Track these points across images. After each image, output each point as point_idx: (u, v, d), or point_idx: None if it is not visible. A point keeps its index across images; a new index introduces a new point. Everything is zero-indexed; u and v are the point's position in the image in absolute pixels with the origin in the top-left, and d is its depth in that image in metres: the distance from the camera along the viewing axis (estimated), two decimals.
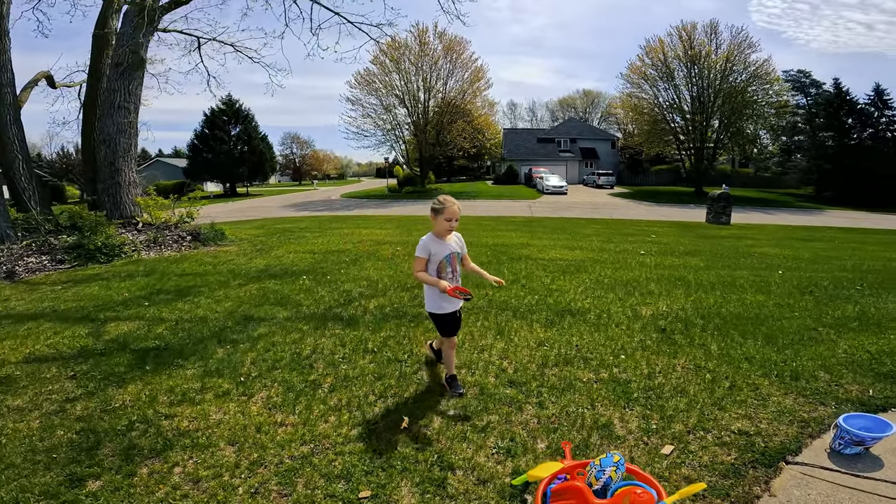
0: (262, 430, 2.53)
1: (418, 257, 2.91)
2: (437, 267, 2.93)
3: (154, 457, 2.34)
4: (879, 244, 10.87)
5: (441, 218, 2.88)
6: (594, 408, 2.79)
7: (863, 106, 34.75)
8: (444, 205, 2.88)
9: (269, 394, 2.96)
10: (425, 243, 2.92)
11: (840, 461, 2.24)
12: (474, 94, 35.88)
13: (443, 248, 2.94)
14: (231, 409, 2.77)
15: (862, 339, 3.81)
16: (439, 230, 2.94)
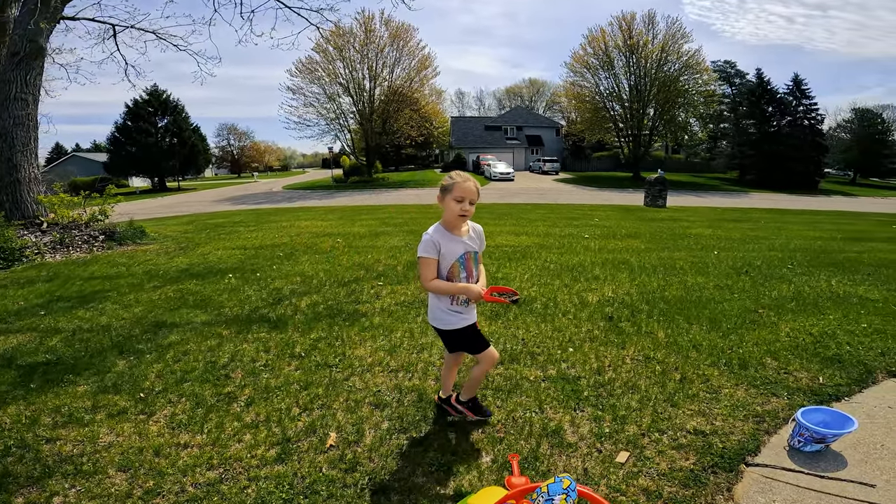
0: (161, 454, 2.19)
1: (426, 259, 2.13)
2: (448, 272, 2.18)
3: (30, 485, 2.03)
4: (800, 224, 11.63)
5: (450, 198, 2.12)
6: (543, 411, 2.56)
7: (782, 95, 37.54)
8: (454, 181, 2.14)
9: (173, 411, 2.58)
10: (432, 239, 2.14)
11: (801, 460, 2.12)
12: (421, 83, 35.35)
13: (455, 244, 2.18)
14: (126, 429, 2.40)
15: (802, 321, 3.83)
16: (449, 218, 2.18)
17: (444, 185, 2.18)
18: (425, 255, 2.14)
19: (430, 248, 2.14)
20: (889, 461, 2.09)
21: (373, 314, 4.13)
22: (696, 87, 36.90)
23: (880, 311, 4.11)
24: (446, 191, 2.15)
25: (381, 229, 9.37)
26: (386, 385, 2.84)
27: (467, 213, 2.14)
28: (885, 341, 3.39)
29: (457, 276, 2.21)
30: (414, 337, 3.59)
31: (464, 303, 2.27)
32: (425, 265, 2.15)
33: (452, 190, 2.12)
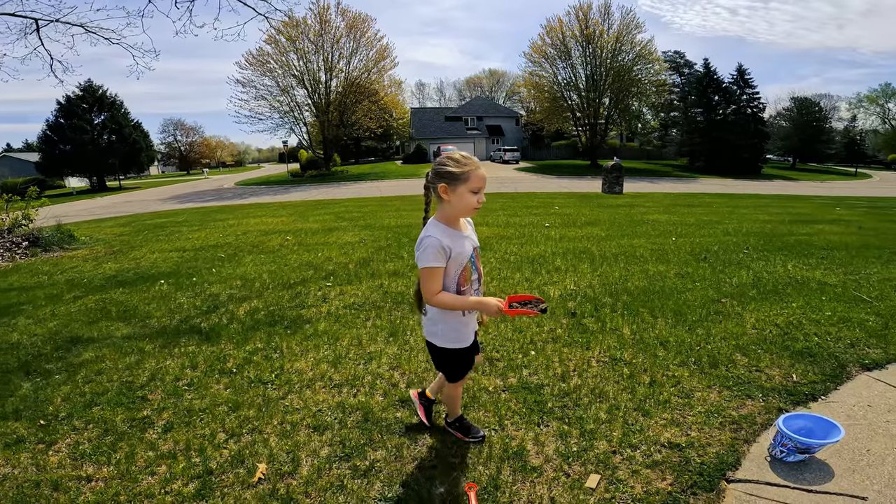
0: (60, 488, 1.93)
1: (433, 268, 1.71)
2: (459, 275, 1.81)
3: None
4: (749, 207, 11.96)
5: (463, 189, 1.71)
6: (503, 428, 2.28)
7: (727, 85, 39.04)
8: (467, 166, 1.71)
9: (78, 439, 2.27)
10: (441, 244, 1.71)
11: (785, 472, 1.93)
12: (380, 74, 34.50)
13: (463, 242, 1.81)
14: (22, 461, 2.12)
15: (766, 310, 3.71)
16: (457, 212, 1.78)
17: (451, 171, 1.70)
18: (434, 265, 1.70)
19: (440, 255, 1.71)
20: (878, 468, 1.93)
21: (318, 320, 3.76)
22: (649, 76, 37.93)
23: (841, 296, 4.06)
24: (457, 180, 1.70)
25: (336, 224, 8.89)
26: (328, 403, 2.51)
27: (481, 204, 1.76)
28: (853, 331, 3.29)
29: (469, 278, 1.85)
30: (362, 345, 3.25)
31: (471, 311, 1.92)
32: (431, 276, 1.72)
33: (469, 179, 1.70)
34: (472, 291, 1.88)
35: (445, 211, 1.78)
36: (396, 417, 2.36)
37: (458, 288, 1.82)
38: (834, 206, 12.81)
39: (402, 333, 3.40)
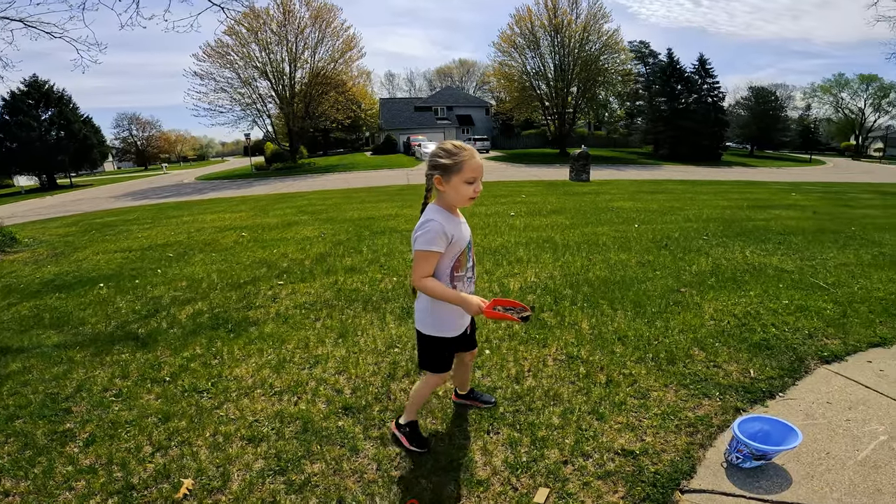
0: None
1: (431, 253, 1.69)
2: (455, 262, 1.79)
3: None
4: (709, 193, 12.18)
5: (458, 180, 1.68)
6: (450, 436, 2.14)
7: (689, 74, 39.94)
8: (461, 156, 1.67)
9: None
10: (443, 228, 1.68)
11: (741, 479, 1.83)
12: (346, 64, 33.70)
13: (462, 228, 1.81)
14: None
15: (724, 299, 3.67)
16: (454, 202, 1.75)
17: (444, 163, 1.68)
18: (433, 249, 1.68)
19: (440, 240, 1.69)
20: (837, 473, 1.84)
21: (265, 321, 3.54)
22: (615, 66, 38.37)
23: (798, 283, 4.07)
24: (450, 170, 1.68)
25: (296, 219, 8.54)
26: (266, 413, 2.33)
27: (478, 193, 1.74)
28: (810, 320, 3.26)
29: (465, 265, 1.85)
30: (309, 348, 3.05)
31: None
32: (426, 260, 1.70)
33: (463, 169, 1.67)
34: (465, 279, 1.86)
35: (443, 199, 1.77)
36: (339, 426, 2.20)
37: (453, 273, 1.79)
38: (790, 191, 13.22)
39: (353, 334, 3.21)
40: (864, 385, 2.49)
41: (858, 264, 4.69)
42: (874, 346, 2.90)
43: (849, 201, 10.59)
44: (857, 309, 3.43)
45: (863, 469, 1.87)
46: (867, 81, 58.19)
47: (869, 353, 2.83)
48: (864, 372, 2.62)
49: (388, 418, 2.25)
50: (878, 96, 58.08)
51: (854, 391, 2.44)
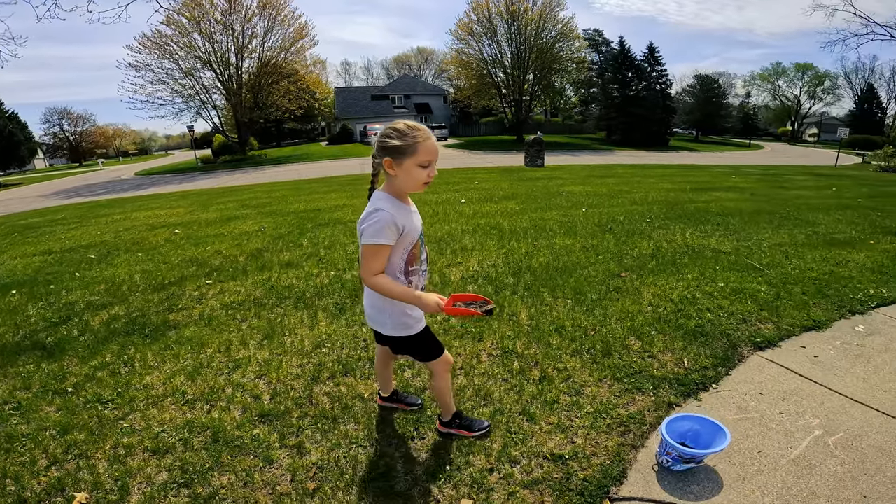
0: None
1: (380, 246, 1.52)
2: (409, 255, 1.64)
3: None
4: (656, 177, 12.53)
5: (411, 163, 1.52)
6: (373, 444, 1.98)
7: (639, 62, 41.10)
8: (415, 136, 1.50)
9: None
10: (393, 219, 1.52)
11: (672, 484, 1.74)
12: (298, 53, 32.54)
13: (413, 217, 1.65)
14: None
15: (663, 283, 3.65)
16: (405, 187, 1.59)
17: (395, 144, 1.50)
18: (382, 242, 1.51)
19: (390, 232, 1.52)
20: (769, 475, 1.77)
21: (186, 324, 3.26)
22: (570, 54, 39.10)
23: (734, 265, 4.12)
24: (403, 153, 1.51)
25: (237, 213, 8.07)
26: (174, 422, 2.15)
27: (432, 178, 1.58)
28: (744, 303, 3.27)
29: (418, 258, 1.69)
30: (230, 351, 2.81)
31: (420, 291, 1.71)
32: (375, 255, 1.52)
33: (417, 151, 1.51)
34: (420, 272, 1.72)
35: (393, 184, 1.59)
36: (253, 436, 2.01)
37: (406, 268, 1.64)
38: (730, 174, 13.79)
39: (280, 335, 2.98)
40: (798, 373, 2.46)
41: (792, 244, 4.85)
42: (808, 330, 2.91)
43: (784, 183, 11.13)
44: (790, 291, 3.48)
45: (796, 469, 1.81)
46: (803, 70, 61.83)
47: (803, 337, 2.84)
48: (798, 359, 2.61)
49: (307, 425, 2.09)
50: (812, 84, 61.85)
51: (787, 380, 2.41)
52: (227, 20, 28.35)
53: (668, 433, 1.81)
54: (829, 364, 2.56)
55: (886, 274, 3.92)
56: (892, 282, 3.73)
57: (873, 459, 1.85)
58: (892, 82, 60.83)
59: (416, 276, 1.70)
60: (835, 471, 1.80)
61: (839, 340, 2.82)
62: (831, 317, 3.09)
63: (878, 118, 54.32)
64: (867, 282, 3.71)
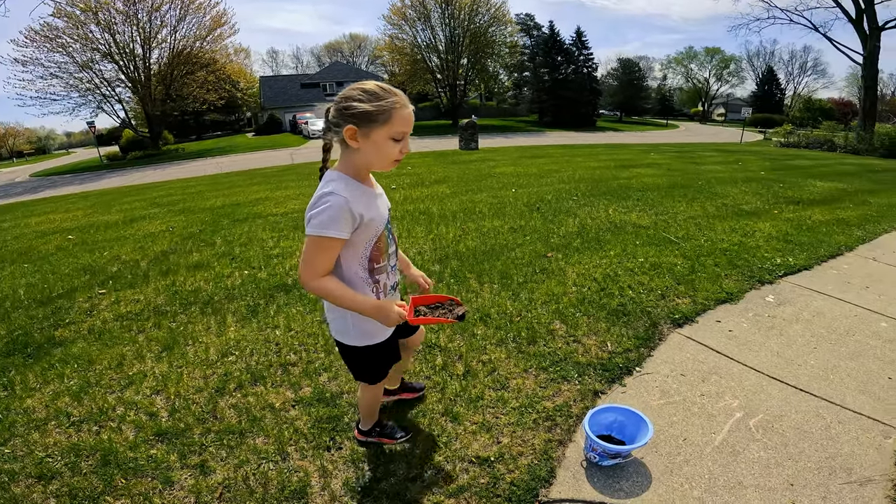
0: None
1: (328, 238, 1.23)
2: (372, 248, 1.36)
3: None
4: (583, 156, 12.91)
5: (381, 135, 1.24)
6: (286, 457, 1.80)
7: (568, 46, 42.43)
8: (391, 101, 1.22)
9: None
10: (344, 203, 1.23)
11: (601, 481, 1.68)
12: (216, 42, 30.52)
13: (377, 203, 1.38)
14: None
15: (587, 262, 3.66)
16: (369, 164, 1.32)
17: (363, 109, 1.20)
18: (332, 234, 1.23)
19: (343, 223, 1.24)
20: (695, 465, 1.74)
21: (74, 340, 2.88)
22: (503, 38, 39.86)
23: (652, 239, 4.23)
24: (373, 120, 1.21)
25: (144, 213, 7.30)
26: (59, 446, 1.93)
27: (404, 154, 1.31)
28: (663, 279, 3.33)
29: (384, 253, 1.41)
30: (123, 367, 2.50)
31: (391, 289, 1.49)
32: (321, 249, 1.25)
33: (391, 119, 1.22)
34: (388, 269, 1.44)
35: (354, 160, 1.30)
36: (150, 456, 1.82)
37: (371, 265, 1.37)
38: (649, 152, 14.55)
39: (182, 345, 2.68)
40: (716, 350, 2.50)
41: (704, 216, 5.11)
42: (721, 303, 3.00)
43: (696, 159, 11.87)
44: (703, 263, 3.62)
45: (721, 456, 1.79)
46: (712, 54, 66.78)
47: (717, 311, 2.92)
48: (715, 334, 2.66)
49: (211, 442, 1.88)
50: (720, 67, 67.00)
51: (706, 358, 2.43)
52: (129, 10, 25.79)
53: (593, 426, 1.77)
54: (744, 338, 2.62)
55: (791, 242, 4.19)
56: (797, 250, 3.98)
57: (795, 443, 1.86)
58: (789, 65, 67.46)
59: (384, 275, 1.43)
60: (759, 457, 1.79)
61: (751, 312, 2.92)
62: (743, 288, 3.22)
63: (777, 99, 59.96)
64: (773, 251, 3.94)
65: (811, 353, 2.50)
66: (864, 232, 4.67)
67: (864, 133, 16.96)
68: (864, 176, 9.07)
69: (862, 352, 2.52)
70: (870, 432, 1.93)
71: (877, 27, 17.72)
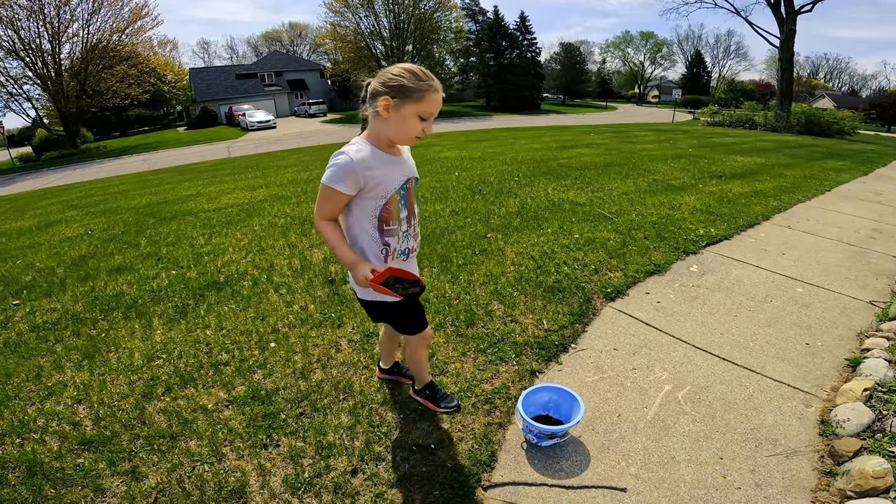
0: None
1: (330, 189, 1.38)
2: (382, 209, 1.46)
3: None
4: (527, 138, 13.13)
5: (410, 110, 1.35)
6: (221, 459, 1.74)
7: (512, 31, 42.84)
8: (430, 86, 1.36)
9: None
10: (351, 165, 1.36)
11: (542, 462, 1.69)
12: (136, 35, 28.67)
13: (392, 169, 1.45)
14: None
15: (525, 240, 3.70)
16: (393, 136, 1.42)
17: (405, 84, 1.33)
18: (333, 186, 1.37)
19: (348, 179, 1.37)
20: (630, 441, 1.77)
21: None
22: (448, 24, 39.70)
23: (588, 215, 4.34)
24: (409, 96, 1.33)
25: (61, 216, 6.69)
26: None
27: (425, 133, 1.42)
28: (596, 253, 3.40)
29: (395, 217, 1.49)
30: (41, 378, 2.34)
31: (401, 254, 1.57)
32: (325, 198, 1.41)
33: (424, 99, 1.35)
34: (400, 234, 1.52)
35: (379, 130, 1.41)
36: (77, 465, 1.74)
37: (381, 225, 1.48)
38: (589, 132, 15.03)
39: (103, 352, 2.49)
40: (645, 322, 2.55)
41: (637, 191, 5.34)
42: (650, 275, 3.10)
43: (632, 139, 12.40)
44: (634, 236, 3.75)
45: (653, 431, 1.81)
46: (646, 38, 69.59)
47: (647, 283, 3.01)
48: (644, 307, 2.72)
49: (140, 448, 1.80)
50: (653, 51, 70.04)
51: (637, 331, 2.47)
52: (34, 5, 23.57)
53: (530, 406, 1.78)
54: (671, 309, 2.69)
55: (713, 213, 4.44)
56: (719, 221, 4.22)
57: (722, 415, 1.89)
58: (715, 48, 71.61)
59: (395, 238, 1.51)
60: (689, 430, 1.81)
61: (678, 283, 3.03)
62: (669, 259, 3.35)
63: (705, 81, 63.58)
64: (697, 222, 4.17)
65: (732, 322, 2.58)
66: (779, 202, 5.05)
67: (782, 112, 18.23)
68: (781, 151, 9.79)
69: (780, 318, 2.62)
70: (791, 401, 1.97)
71: (793, 11, 18.86)
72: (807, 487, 1.58)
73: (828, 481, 1.60)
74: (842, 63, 72.29)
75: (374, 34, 38.10)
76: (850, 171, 7.62)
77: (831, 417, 1.88)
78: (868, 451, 1.67)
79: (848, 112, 18.43)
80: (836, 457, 1.70)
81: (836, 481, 1.60)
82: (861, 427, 1.79)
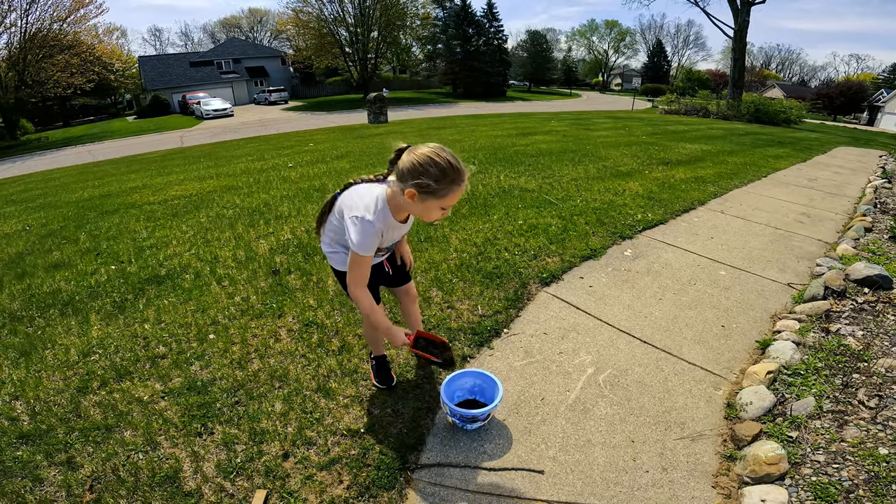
0: None
1: (363, 257, 1.48)
2: None
3: None
4: (488, 125, 13.19)
5: (434, 203, 1.42)
6: (155, 447, 1.78)
7: (479, 18, 42.64)
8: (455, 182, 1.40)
9: None
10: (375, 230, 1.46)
11: (468, 444, 1.75)
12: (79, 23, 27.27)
13: (397, 233, 1.66)
14: None
15: (471, 227, 3.73)
16: (413, 214, 1.57)
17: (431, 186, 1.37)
18: (364, 255, 1.47)
19: (372, 246, 1.49)
20: (551, 424, 1.81)
21: None
22: (415, 10, 39.15)
23: (535, 201, 4.41)
24: (430, 192, 1.39)
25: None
26: None
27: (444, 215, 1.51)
28: (538, 239, 3.45)
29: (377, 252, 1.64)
30: None
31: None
32: (359, 265, 1.50)
33: (447, 196, 1.41)
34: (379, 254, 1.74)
35: (402, 205, 1.48)
36: (16, 458, 1.77)
37: None
38: (550, 119, 15.24)
39: (39, 349, 2.44)
40: (576, 307, 2.57)
41: (585, 178, 5.47)
42: (586, 260, 3.14)
43: (590, 126, 12.65)
44: (576, 222, 3.83)
45: (573, 415, 1.83)
46: (611, 27, 70.64)
47: (582, 267, 3.04)
48: (577, 291, 2.73)
49: (76, 439, 1.83)
50: (617, 40, 71.22)
51: (567, 316, 2.48)
52: None
53: (456, 391, 1.84)
54: (602, 293, 2.72)
55: (653, 199, 4.56)
56: (657, 206, 4.33)
57: (637, 398, 1.90)
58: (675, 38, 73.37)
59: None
60: (605, 413, 1.84)
61: (611, 267, 3.07)
62: (605, 244, 3.42)
63: (664, 70, 65.25)
64: (637, 207, 4.27)
65: (657, 305, 2.61)
66: (717, 188, 5.26)
67: (733, 101, 18.95)
68: (728, 139, 10.16)
69: (701, 300, 2.67)
70: (702, 384, 1.99)
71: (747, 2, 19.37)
72: (709, 472, 1.60)
73: (728, 466, 1.60)
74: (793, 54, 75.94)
75: (339, 20, 37.14)
76: (789, 157, 7.92)
77: (736, 401, 1.87)
78: (767, 435, 1.65)
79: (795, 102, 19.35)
80: (736, 441, 1.68)
81: (735, 466, 1.58)
82: (762, 410, 1.77)
